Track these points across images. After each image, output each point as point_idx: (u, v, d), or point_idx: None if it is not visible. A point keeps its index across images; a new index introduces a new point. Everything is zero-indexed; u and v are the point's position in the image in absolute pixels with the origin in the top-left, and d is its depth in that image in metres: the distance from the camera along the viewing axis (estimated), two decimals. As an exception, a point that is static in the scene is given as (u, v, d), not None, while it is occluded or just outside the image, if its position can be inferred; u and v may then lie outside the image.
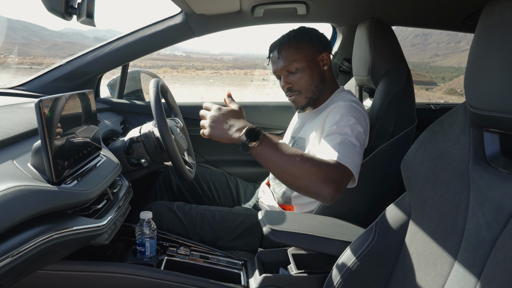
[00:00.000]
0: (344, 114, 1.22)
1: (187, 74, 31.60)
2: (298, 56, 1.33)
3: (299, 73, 1.34)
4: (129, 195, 1.22)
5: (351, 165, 1.08)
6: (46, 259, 0.90)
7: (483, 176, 0.68)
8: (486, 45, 0.65)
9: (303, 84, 1.35)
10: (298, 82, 1.34)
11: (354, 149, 1.13)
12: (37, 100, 0.83)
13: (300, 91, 1.36)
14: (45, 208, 0.80)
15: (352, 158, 1.10)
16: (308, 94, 1.37)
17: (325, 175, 1.01)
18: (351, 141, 1.15)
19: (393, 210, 0.88)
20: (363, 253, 0.89)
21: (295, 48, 1.33)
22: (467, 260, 0.66)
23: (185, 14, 1.76)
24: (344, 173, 1.07)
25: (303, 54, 1.33)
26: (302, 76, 1.34)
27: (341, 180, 1.04)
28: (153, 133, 1.39)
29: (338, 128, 1.18)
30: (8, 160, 0.88)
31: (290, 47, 1.33)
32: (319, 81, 1.37)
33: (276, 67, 1.36)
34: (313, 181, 1.00)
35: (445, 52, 32.45)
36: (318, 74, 1.36)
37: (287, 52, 1.33)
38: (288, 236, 1.07)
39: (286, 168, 1.01)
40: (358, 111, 1.25)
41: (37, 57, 42.92)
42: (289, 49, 1.33)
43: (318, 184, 1.00)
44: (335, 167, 1.05)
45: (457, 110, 0.78)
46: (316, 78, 1.36)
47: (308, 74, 1.34)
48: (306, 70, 1.34)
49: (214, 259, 1.26)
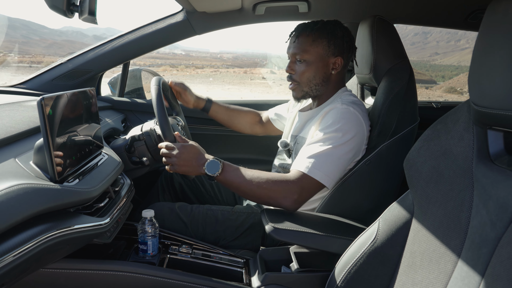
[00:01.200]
0: (336, 120, 1.23)
1: (187, 72, 31.59)
2: (311, 48, 1.31)
3: (305, 65, 1.33)
4: (131, 193, 1.22)
5: (320, 176, 1.17)
6: (48, 258, 0.90)
7: (487, 174, 0.68)
8: (490, 43, 0.65)
9: (304, 78, 1.34)
10: (300, 73, 1.34)
11: (331, 159, 1.18)
12: (39, 98, 0.83)
13: (298, 83, 1.36)
14: (47, 206, 0.80)
15: (326, 169, 1.17)
16: (306, 88, 1.36)
17: (283, 191, 1.15)
18: (331, 151, 1.19)
19: (396, 208, 0.88)
20: (366, 251, 0.89)
21: (312, 40, 1.31)
22: (471, 258, 0.66)
23: (186, 12, 1.75)
24: (309, 184, 1.17)
25: (316, 49, 1.31)
26: (306, 69, 1.33)
27: (302, 191, 1.16)
28: (155, 131, 1.38)
29: (324, 135, 1.21)
30: (10, 158, 0.88)
31: (308, 36, 1.31)
32: (320, 81, 1.36)
33: (289, 49, 1.36)
34: (272, 198, 1.16)
35: (445, 50, 32.46)
36: (322, 75, 1.35)
37: (304, 40, 1.32)
38: (291, 234, 1.07)
39: (247, 191, 1.17)
40: (353, 116, 1.25)
41: (37, 56, 42.92)
42: (306, 38, 1.31)
43: (277, 200, 1.16)
44: (296, 180, 1.16)
45: (460, 108, 0.78)
46: (319, 77, 1.35)
47: (313, 70, 1.33)
48: (312, 65, 1.32)
49: (216, 257, 1.26)
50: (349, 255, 0.93)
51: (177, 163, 1.16)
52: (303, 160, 1.19)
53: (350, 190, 1.25)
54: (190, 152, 1.17)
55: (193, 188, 1.73)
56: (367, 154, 1.29)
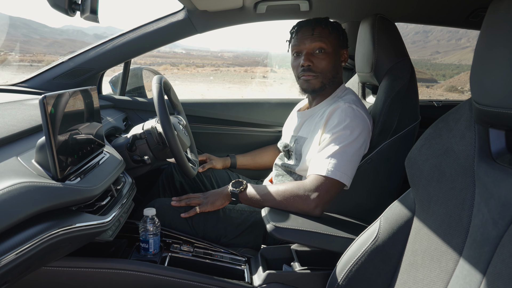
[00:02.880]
0: (341, 119, 1.25)
1: (188, 71, 31.58)
2: (330, 39, 1.35)
3: (324, 55, 1.35)
4: (132, 192, 1.22)
5: (340, 176, 1.18)
6: (50, 256, 0.90)
7: (488, 173, 0.68)
8: (492, 41, 0.65)
9: (324, 67, 1.35)
10: (319, 63, 1.35)
11: (345, 157, 1.20)
12: (41, 96, 0.83)
13: (319, 74, 1.36)
14: (49, 204, 0.80)
15: (343, 168, 1.19)
16: (325, 80, 1.38)
17: (304, 198, 1.18)
18: (343, 150, 1.20)
19: (397, 207, 0.88)
20: (367, 249, 0.89)
21: (329, 31, 1.35)
22: (473, 257, 0.66)
23: (188, 11, 1.75)
24: (331, 186, 1.18)
25: (333, 40, 1.36)
26: (326, 58, 1.35)
27: (325, 194, 1.18)
28: (156, 129, 1.38)
29: (333, 135, 1.23)
30: (12, 156, 0.88)
31: (325, 28, 1.35)
32: (335, 73, 1.39)
33: (305, 43, 1.35)
34: (295, 206, 1.20)
35: (446, 49, 32.34)
36: (336, 66, 1.39)
37: (322, 31, 1.34)
38: (292, 233, 1.08)
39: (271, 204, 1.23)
40: (357, 114, 1.26)
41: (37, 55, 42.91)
42: (324, 30, 1.35)
43: (301, 208, 1.19)
44: (316, 185, 1.18)
45: (462, 107, 0.78)
46: (334, 68, 1.39)
47: (331, 61, 1.36)
48: (331, 56, 1.36)
49: (217, 255, 1.26)
50: (350, 254, 0.93)
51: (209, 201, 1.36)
52: (319, 163, 1.21)
53: (351, 188, 1.25)
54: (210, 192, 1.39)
55: (194, 187, 1.74)
56: (369, 152, 1.29)
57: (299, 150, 1.38)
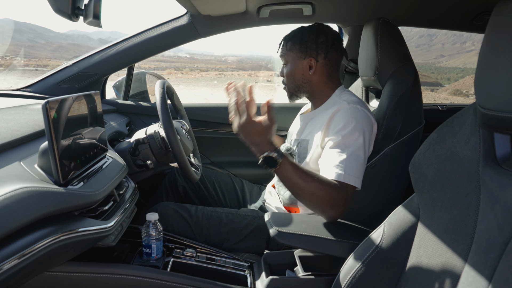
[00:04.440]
0: (348, 120, 1.22)
1: (192, 75, 31.67)
2: (288, 55, 1.41)
3: (286, 69, 1.42)
4: (135, 196, 1.22)
5: (355, 181, 1.17)
6: (53, 261, 0.90)
7: (494, 178, 0.67)
8: (497, 45, 0.65)
9: (287, 80, 1.43)
10: (285, 76, 1.43)
11: (358, 161, 1.19)
12: (44, 101, 0.83)
13: (286, 85, 1.45)
14: (52, 209, 0.80)
15: (357, 172, 1.17)
16: (291, 89, 1.43)
17: (333, 200, 1.12)
18: (355, 154, 1.19)
19: (401, 212, 0.87)
20: (371, 255, 0.88)
21: (287, 49, 1.41)
22: (478, 263, 0.65)
23: (191, 15, 1.76)
24: (348, 191, 1.15)
25: (291, 54, 1.40)
26: (287, 72, 1.42)
27: (344, 200, 1.13)
28: (159, 134, 1.38)
29: (343, 139, 1.20)
30: (15, 161, 0.88)
31: (285, 45, 1.42)
32: (300, 82, 1.40)
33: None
34: (321, 206, 1.13)
35: (450, 52, 32.29)
36: (300, 77, 1.40)
37: (283, 48, 1.44)
38: (295, 238, 1.07)
39: (299, 193, 1.14)
40: (363, 114, 1.25)
41: (43, 59, 43.30)
42: (283, 46, 1.43)
43: (325, 209, 1.13)
44: (339, 189, 1.14)
45: (466, 111, 0.77)
46: (298, 79, 1.40)
47: (291, 74, 1.41)
48: (290, 69, 1.41)
49: (220, 261, 1.25)
50: (354, 259, 0.92)
51: (241, 130, 1.10)
52: (334, 169, 1.17)
53: (355, 193, 1.24)
54: (252, 129, 1.09)
55: (197, 192, 1.73)
56: (372, 157, 1.28)
57: (302, 153, 1.37)
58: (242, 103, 1.09)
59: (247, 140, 1.11)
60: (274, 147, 1.10)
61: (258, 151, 1.10)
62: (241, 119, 1.09)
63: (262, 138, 1.09)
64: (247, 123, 1.08)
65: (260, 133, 1.09)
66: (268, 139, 1.10)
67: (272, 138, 1.12)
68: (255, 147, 1.11)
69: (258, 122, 1.09)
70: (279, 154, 1.09)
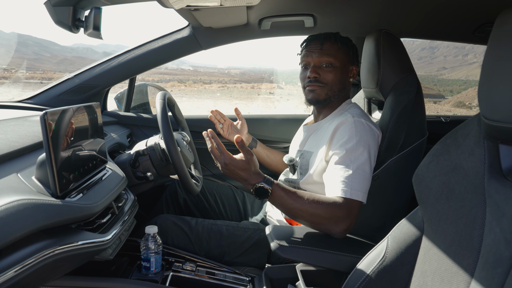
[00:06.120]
0: (352, 134, 1.21)
1: (195, 88, 31.87)
2: (338, 54, 1.36)
3: (331, 69, 1.35)
4: (134, 209, 1.21)
5: (362, 196, 1.15)
6: (49, 275, 0.88)
7: (499, 190, 0.65)
8: (500, 55, 0.64)
9: (331, 79, 1.36)
10: (326, 75, 1.36)
11: (364, 176, 1.18)
12: (42, 112, 0.82)
13: (326, 84, 1.36)
14: (48, 222, 0.78)
15: (362, 187, 1.16)
16: (330, 92, 1.37)
17: (335, 217, 1.11)
18: (361, 169, 1.18)
19: (405, 225, 0.85)
20: (375, 269, 0.86)
21: (338, 47, 1.36)
22: (485, 278, 0.63)
23: (193, 27, 1.76)
24: (355, 206, 1.14)
25: (342, 56, 1.36)
26: (332, 71, 1.36)
27: (351, 215, 1.12)
28: (159, 145, 1.38)
29: (347, 153, 1.19)
30: (12, 173, 0.87)
31: (334, 44, 1.36)
32: (341, 87, 1.39)
33: (313, 56, 1.37)
34: (324, 225, 1.13)
35: (453, 65, 32.36)
36: (344, 81, 1.39)
37: (331, 46, 1.36)
38: (296, 252, 1.05)
39: (297, 216, 1.14)
40: (367, 128, 1.24)
41: (47, 72, 43.71)
42: (333, 45, 1.36)
43: (329, 227, 1.12)
44: (345, 205, 1.12)
45: (470, 122, 0.76)
46: (341, 83, 1.38)
47: (338, 75, 1.36)
48: (338, 70, 1.36)
49: (220, 275, 1.23)
50: (357, 274, 0.90)
51: (225, 170, 1.15)
52: (340, 185, 1.15)
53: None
54: (237, 167, 1.13)
55: (198, 204, 1.72)
56: (376, 169, 1.26)
57: (304, 165, 1.36)
58: (216, 148, 1.15)
59: (235, 178, 1.15)
60: (262, 177, 1.15)
61: (248, 185, 1.14)
62: (221, 161, 1.14)
63: (246, 172, 1.13)
64: (227, 164, 1.13)
65: (243, 168, 1.13)
66: (254, 171, 1.14)
67: (256, 168, 1.15)
68: (244, 182, 1.15)
69: (238, 159, 1.13)
70: (268, 183, 1.13)
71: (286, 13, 1.66)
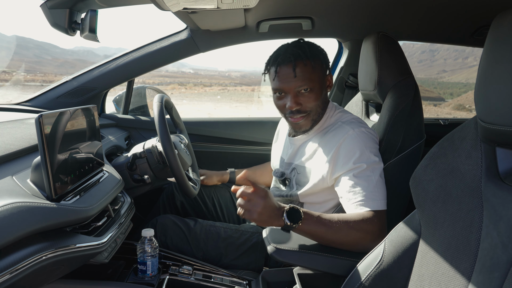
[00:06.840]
0: (362, 147, 1.17)
1: (195, 90, 31.89)
2: (314, 76, 1.22)
3: (311, 93, 1.22)
4: (131, 212, 1.20)
5: (384, 205, 1.12)
6: (44, 278, 0.88)
7: (496, 194, 0.65)
8: (496, 57, 0.63)
9: (313, 105, 1.23)
10: (307, 102, 1.23)
11: (383, 183, 1.16)
12: (37, 115, 0.82)
13: (310, 111, 1.24)
14: (43, 225, 0.78)
15: (383, 195, 1.14)
16: (315, 116, 1.26)
17: (370, 234, 1.06)
18: (381, 177, 1.16)
19: (402, 229, 0.84)
20: (372, 273, 0.85)
21: (312, 67, 1.21)
22: (482, 282, 0.63)
23: (191, 30, 1.76)
24: (383, 215, 1.11)
25: (317, 74, 1.23)
26: (313, 96, 1.22)
27: (380, 225, 1.09)
28: (156, 148, 1.37)
29: (367, 166, 1.14)
30: (7, 176, 0.87)
31: (307, 65, 1.20)
32: (323, 105, 1.29)
33: (288, 84, 1.21)
34: (362, 245, 1.05)
35: (453, 68, 32.33)
36: (324, 96, 1.28)
37: (304, 70, 1.20)
38: (294, 255, 1.04)
39: (331, 240, 1.07)
40: (369, 136, 1.22)
41: (48, 75, 43.74)
42: (306, 67, 1.20)
43: (367, 245, 1.03)
44: (372, 219, 1.08)
45: (467, 125, 0.76)
46: (322, 101, 1.27)
47: (319, 95, 1.24)
48: (317, 90, 1.23)
49: (217, 278, 1.22)
50: (354, 278, 0.89)
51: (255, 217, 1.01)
52: (368, 201, 1.11)
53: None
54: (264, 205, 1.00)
55: (195, 207, 1.71)
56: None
57: (300, 180, 1.31)
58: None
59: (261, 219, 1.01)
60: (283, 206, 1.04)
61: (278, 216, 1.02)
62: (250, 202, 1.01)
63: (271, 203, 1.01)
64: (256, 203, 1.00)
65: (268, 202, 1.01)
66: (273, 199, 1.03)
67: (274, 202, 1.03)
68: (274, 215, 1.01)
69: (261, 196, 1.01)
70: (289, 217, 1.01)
71: (284, 16, 1.66)
